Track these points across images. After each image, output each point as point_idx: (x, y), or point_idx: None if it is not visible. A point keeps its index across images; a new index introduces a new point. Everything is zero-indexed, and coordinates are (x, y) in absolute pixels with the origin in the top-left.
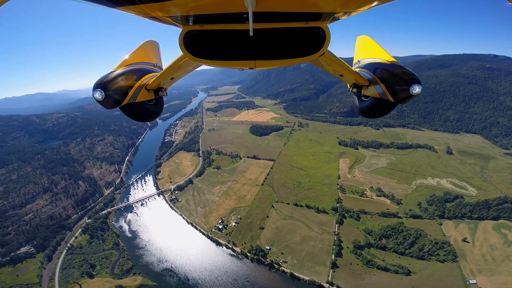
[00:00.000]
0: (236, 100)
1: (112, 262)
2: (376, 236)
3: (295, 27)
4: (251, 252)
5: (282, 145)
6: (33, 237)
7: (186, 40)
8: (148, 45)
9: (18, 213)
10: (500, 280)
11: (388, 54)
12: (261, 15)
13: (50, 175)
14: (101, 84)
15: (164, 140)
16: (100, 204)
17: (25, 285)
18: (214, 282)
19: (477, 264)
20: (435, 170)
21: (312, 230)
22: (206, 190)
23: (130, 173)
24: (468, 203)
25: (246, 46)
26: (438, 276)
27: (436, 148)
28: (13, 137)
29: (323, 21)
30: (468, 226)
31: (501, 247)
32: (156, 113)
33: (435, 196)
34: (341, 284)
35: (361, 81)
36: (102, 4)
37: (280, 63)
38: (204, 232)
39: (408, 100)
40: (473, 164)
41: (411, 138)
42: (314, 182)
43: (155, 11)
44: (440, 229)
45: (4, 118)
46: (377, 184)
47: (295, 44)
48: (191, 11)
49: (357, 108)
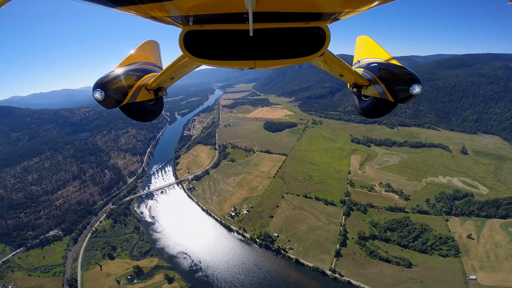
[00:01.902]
0: (251, 98)
1: (132, 245)
2: (381, 229)
3: (295, 27)
4: (259, 238)
5: (295, 141)
6: (62, 221)
7: (186, 40)
8: (148, 45)
9: (50, 198)
10: (500, 277)
11: (388, 54)
12: (261, 15)
13: (79, 164)
14: (101, 84)
15: (183, 134)
16: (124, 191)
17: (50, 266)
18: (224, 264)
19: (479, 261)
20: (448, 169)
21: (319, 220)
22: (221, 181)
23: (151, 163)
24: (477, 201)
25: (246, 46)
26: (438, 270)
27: (451, 147)
28: (45, 129)
29: (323, 21)
30: (474, 224)
31: (506, 244)
32: (156, 113)
33: (444, 194)
34: (343, 272)
35: (361, 81)
36: (102, 4)
37: (280, 63)
38: (217, 219)
39: (408, 100)
40: (488, 165)
41: (425, 137)
42: (325, 177)
43: (155, 11)
44: (446, 225)
45: (36, 112)
46: (386, 180)
47: (295, 44)
48: (191, 11)
49: (357, 108)
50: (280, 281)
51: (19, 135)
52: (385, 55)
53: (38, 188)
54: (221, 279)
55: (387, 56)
